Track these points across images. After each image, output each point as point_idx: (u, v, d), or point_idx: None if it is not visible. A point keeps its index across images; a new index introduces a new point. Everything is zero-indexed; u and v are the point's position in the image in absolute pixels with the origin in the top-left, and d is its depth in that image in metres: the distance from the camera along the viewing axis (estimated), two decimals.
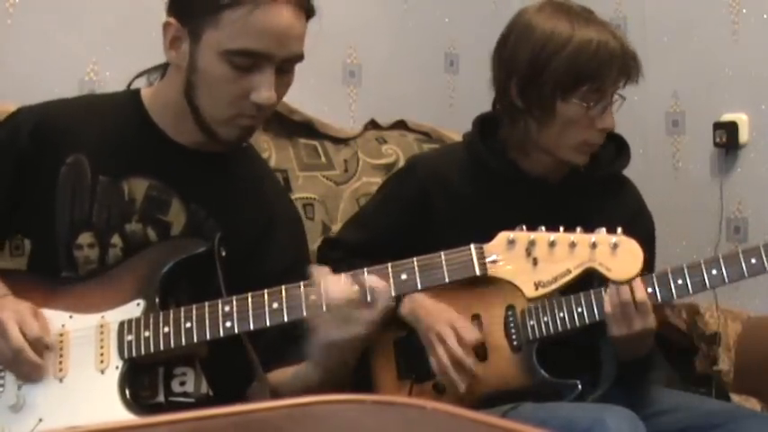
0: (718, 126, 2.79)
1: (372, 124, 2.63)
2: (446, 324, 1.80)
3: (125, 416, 1.48)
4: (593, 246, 1.43)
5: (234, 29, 1.50)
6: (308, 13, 1.57)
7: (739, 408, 2.05)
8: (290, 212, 1.78)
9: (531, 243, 1.43)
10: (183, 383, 1.60)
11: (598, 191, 1.94)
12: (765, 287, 1.88)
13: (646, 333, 1.75)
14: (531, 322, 1.85)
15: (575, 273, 1.43)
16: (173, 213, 1.63)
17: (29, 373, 1.51)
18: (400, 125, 2.66)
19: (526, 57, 1.84)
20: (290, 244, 1.72)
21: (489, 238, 1.46)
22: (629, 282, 1.54)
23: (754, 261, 1.73)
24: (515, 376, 1.86)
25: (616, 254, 1.43)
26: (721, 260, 1.73)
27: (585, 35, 1.81)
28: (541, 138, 1.87)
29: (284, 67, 1.55)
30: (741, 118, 2.77)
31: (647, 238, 1.98)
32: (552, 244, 1.43)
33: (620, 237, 1.44)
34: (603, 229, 1.45)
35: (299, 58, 1.57)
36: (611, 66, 1.80)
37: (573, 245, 1.43)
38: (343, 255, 1.95)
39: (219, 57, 1.51)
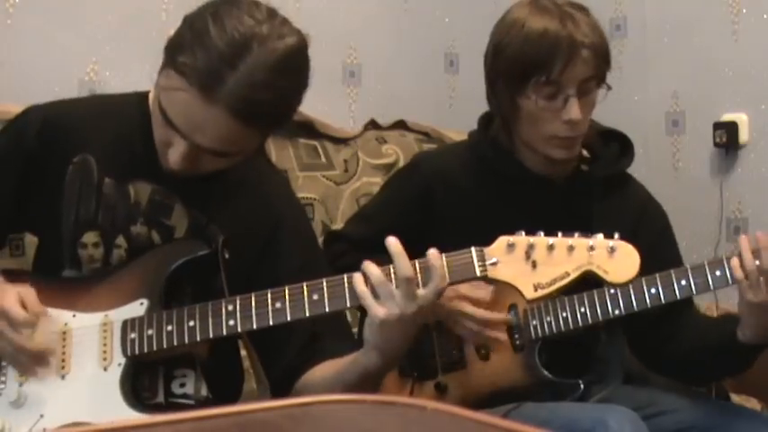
0: (718, 126, 2.80)
1: (372, 124, 2.64)
2: (454, 298, 1.80)
3: (127, 412, 1.48)
4: (591, 249, 1.45)
5: (166, 90, 1.48)
6: (262, 126, 1.51)
7: (739, 408, 2.05)
8: (296, 213, 1.77)
9: (531, 246, 1.45)
10: (183, 385, 1.60)
11: (602, 190, 1.93)
12: None
13: None
14: (534, 322, 1.85)
15: (573, 275, 1.45)
16: (175, 217, 1.64)
17: (32, 367, 1.51)
18: (400, 125, 2.66)
19: (489, 52, 1.87)
20: (300, 245, 1.71)
21: (492, 236, 1.47)
22: (623, 285, 1.53)
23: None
24: (517, 376, 1.86)
25: (613, 257, 1.45)
26: (725, 261, 1.72)
27: (533, 26, 1.78)
28: (518, 133, 1.87)
29: (207, 151, 1.50)
30: (741, 118, 2.77)
31: (661, 229, 1.97)
32: (551, 247, 1.45)
33: (617, 241, 1.46)
34: (601, 234, 1.47)
35: (225, 155, 1.52)
36: (553, 57, 1.76)
37: (571, 248, 1.45)
38: (346, 248, 1.95)
39: (156, 101, 1.51)
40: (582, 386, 1.84)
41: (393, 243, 1.46)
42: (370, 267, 1.46)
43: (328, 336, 1.61)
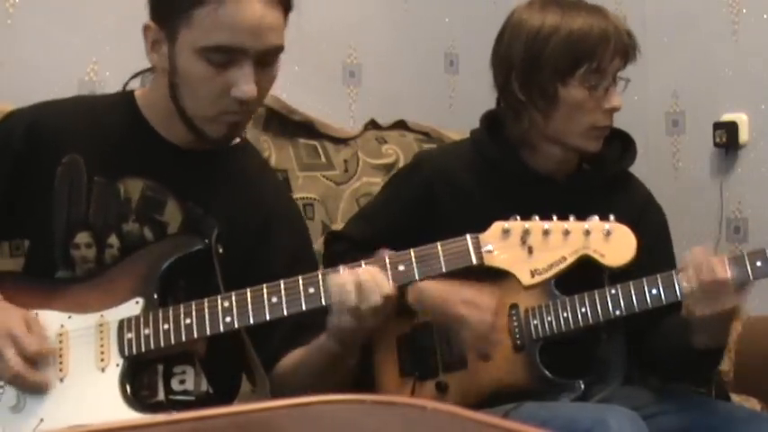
0: (718, 126, 2.80)
1: (372, 124, 2.63)
2: (459, 303, 1.81)
3: (127, 413, 1.48)
4: (587, 233, 1.46)
5: (205, 26, 1.50)
6: (285, 4, 1.57)
7: (739, 408, 2.05)
8: (289, 206, 1.79)
9: (526, 232, 1.46)
10: (182, 382, 1.60)
11: (605, 189, 1.94)
12: (765, 287, 1.87)
13: (729, 312, 1.70)
14: (535, 322, 1.85)
15: (570, 260, 1.45)
16: (168, 213, 1.64)
17: (32, 390, 1.51)
18: (400, 125, 2.66)
19: (521, 49, 1.85)
20: (292, 237, 1.73)
21: None
22: (620, 268, 1.53)
23: (759, 264, 1.71)
24: (518, 375, 1.86)
25: (609, 240, 1.46)
26: (726, 262, 1.72)
27: (576, 19, 1.82)
28: (549, 128, 1.86)
29: (264, 60, 1.55)
30: (741, 118, 2.77)
31: (659, 229, 1.98)
32: (546, 232, 1.46)
33: (612, 224, 1.47)
34: (596, 217, 1.47)
35: (278, 49, 1.57)
36: (605, 43, 1.81)
37: (567, 232, 1.46)
38: (347, 248, 1.95)
39: (196, 55, 1.52)
40: (582, 386, 1.84)
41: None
42: (335, 278, 1.48)
43: (313, 328, 1.61)
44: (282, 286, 1.50)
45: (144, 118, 1.66)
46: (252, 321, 1.51)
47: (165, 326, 1.52)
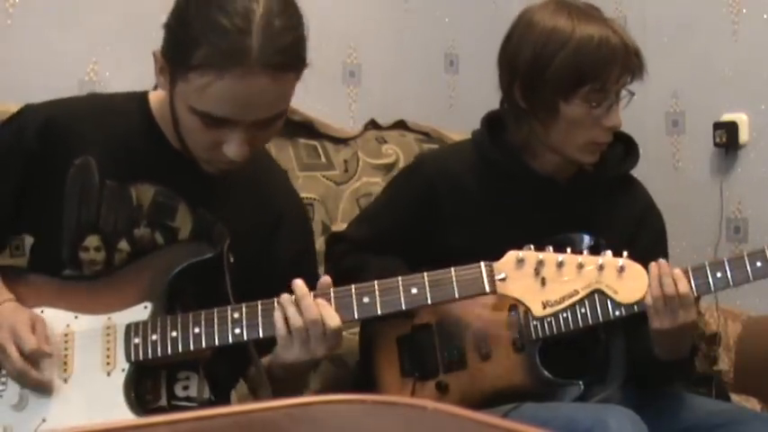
0: (718, 126, 2.80)
1: (372, 124, 2.63)
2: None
3: (130, 418, 1.48)
4: (601, 268, 1.46)
5: (199, 92, 1.45)
6: (296, 67, 1.51)
7: (739, 408, 2.05)
8: (296, 207, 1.79)
9: (540, 263, 1.46)
10: (186, 388, 1.60)
11: (606, 191, 1.94)
12: (765, 287, 1.87)
13: (687, 326, 1.73)
14: (535, 322, 1.85)
15: (582, 294, 1.46)
16: (179, 219, 1.63)
17: (34, 388, 1.52)
18: (400, 125, 2.66)
19: (527, 57, 1.83)
20: (296, 238, 1.73)
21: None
22: (632, 305, 1.54)
23: (759, 264, 1.72)
24: (518, 376, 1.86)
25: (622, 277, 1.46)
26: (726, 263, 1.72)
27: (586, 33, 1.78)
28: (548, 138, 1.86)
29: (262, 125, 1.51)
30: (741, 118, 2.77)
31: (657, 235, 1.98)
32: (560, 264, 1.46)
33: (626, 260, 1.47)
34: (609, 252, 1.48)
35: (276, 117, 1.52)
36: (612, 65, 1.78)
37: (581, 266, 1.46)
38: (348, 249, 1.95)
39: (188, 109, 1.49)
40: (582, 386, 1.84)
41: (299, 286, 1.51)
42: (290, 309, 1.49)
43: None
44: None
45: (156, 124, 1.64)
46: (261, 335, 1.51)
47: (173, 333, 1.52)
